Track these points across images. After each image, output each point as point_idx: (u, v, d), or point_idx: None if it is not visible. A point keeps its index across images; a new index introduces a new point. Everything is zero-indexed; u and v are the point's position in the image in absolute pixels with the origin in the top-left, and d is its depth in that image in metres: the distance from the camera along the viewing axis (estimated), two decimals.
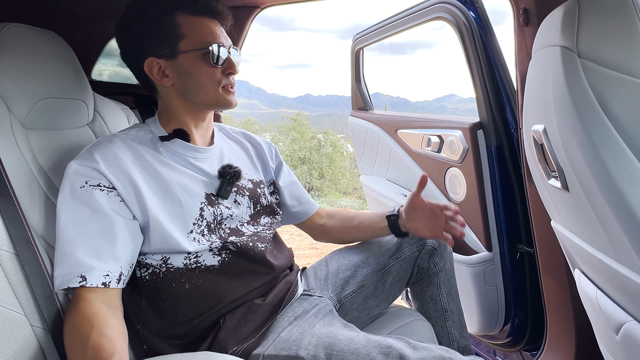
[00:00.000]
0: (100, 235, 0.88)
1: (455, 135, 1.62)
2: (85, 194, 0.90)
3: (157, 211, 0.95)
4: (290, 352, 0.92)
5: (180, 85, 1.02)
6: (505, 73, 1.52)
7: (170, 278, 0.97)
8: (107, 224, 0.90)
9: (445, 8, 1.58)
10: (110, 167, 0.93)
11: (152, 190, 0.96)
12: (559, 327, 1.44)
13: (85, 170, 0.92)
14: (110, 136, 1.01)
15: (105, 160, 0.94)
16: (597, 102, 0.78)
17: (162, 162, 1.01)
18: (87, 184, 0.91)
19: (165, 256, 0.97)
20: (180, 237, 0.96)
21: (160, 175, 0.99)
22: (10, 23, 0.99)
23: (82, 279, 0.84)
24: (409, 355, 0.84)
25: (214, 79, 1.01)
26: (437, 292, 1.27)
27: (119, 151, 0.97)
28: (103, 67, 1.86)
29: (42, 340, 0.81)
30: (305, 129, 22.47)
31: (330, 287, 1.21)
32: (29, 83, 1.01)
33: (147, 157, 0.99)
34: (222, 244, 1.01)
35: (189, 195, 1.00)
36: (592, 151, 0.77)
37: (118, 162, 0.95)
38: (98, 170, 0.92)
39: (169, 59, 1.00)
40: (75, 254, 0.85)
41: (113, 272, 0.87)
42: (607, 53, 0.80)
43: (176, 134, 1.04)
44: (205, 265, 1.00)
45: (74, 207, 0.89)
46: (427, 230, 1.21)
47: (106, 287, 0.86)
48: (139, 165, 0.97)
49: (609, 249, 0.84)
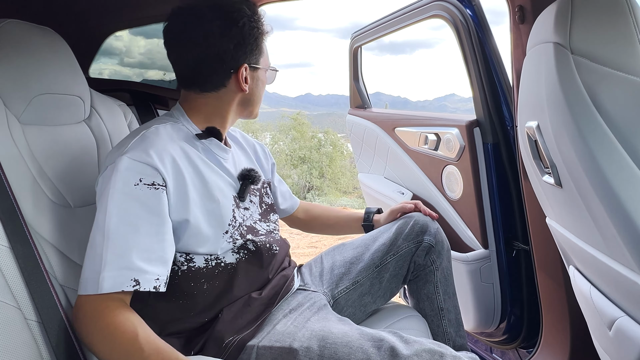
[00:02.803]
0: (151, 236, 0.86)
1: (452, 133, 1.62)
2: (140, 192, 0.87)
3: (198, 211, 0.95)
4: (284, 343, 0.93)
5: (250, 94, 1.09)
6: (501, 71, 1.52)
7: (190, 277, 0.97)
8: (158, 224, 0.88)
9: (442, 6, 1.58)
10: (164, 163, 0.92)
11: (195, 189, 0.96)
12: (554, 324, 1.44)
13: (139, 166, 0.89)
14: (154, 128, 0.98)
15: (159, 155, 0.92)
16: (589, 98, 0.78)
17: (202, 160, 1.01)
18: (141, 182, 0.88)
19: (189, 255, 0.97)
20: (216, 237, 0.98)
21: (202, 173, 0.99)
22: (7, 19, 1.00)
23: (136, 282, 0.82)
24: (400, 349, 0.85)
25: (262, 95, 1.14)
26: (434, 291, 1.27)
27: (168, 146, 0.95)
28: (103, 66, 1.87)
29: (35, 333, 0.81)
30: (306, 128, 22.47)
31: (325, 284, 1.22)
32: (25, 79, 1.01)
33: (190, 154, 0.99)
34: (243, 242, 1.03)
35: (224, 197, 1.02)
36: (583, 147, 0.78)
37: (169, 157, 0.93)
38: (153, 167, 0.90)
39: (253, 70, 1.08)
40: (128, 255, 0.82)
41: (162, 276, 0.86)
42: (599, 49, 0.80)
43: (210, 133, 1.05)
44: (225, 263, 1.01)
45: (126, 204, 0.86)
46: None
47: (157, 290, 0.85)
48: (185, 162, 0.97)
49: (602, 245, 0.85)
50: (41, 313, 0.82)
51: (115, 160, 0.90)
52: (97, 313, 0.80)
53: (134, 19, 1.67)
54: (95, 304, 0.81)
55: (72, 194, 1.05)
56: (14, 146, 0.95)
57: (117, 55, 1.87)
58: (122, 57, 1.90)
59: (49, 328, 0.82)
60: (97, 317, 0.80)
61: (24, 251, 0.83)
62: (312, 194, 17.43)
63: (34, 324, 0.81)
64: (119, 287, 0.81)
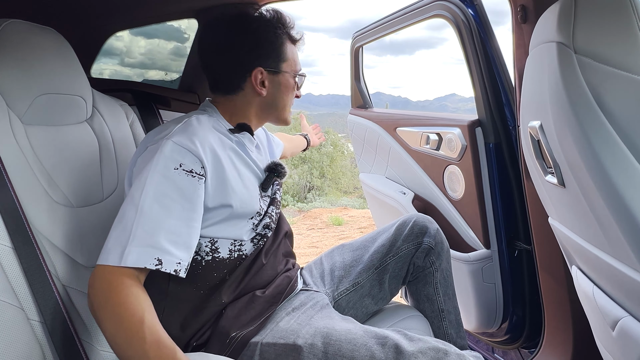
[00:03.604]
0: (181, 220, 0.88)
1: (454, 133, 1.62)
2: (178, 176, 0.90)
3: (236, 197, 0.98)
4: (288, 340, 0.94)
5: (270, 97, 1.11)
6: (503, 71, 1.52)
7: (214, 267, 1.00)
8: (189, 210, 0.90)
9: (444, 6, 1.58)
10: (206, 152, 0.95)
11: (233, 177, 1.00)
12: (557, 324, 1.44)
13: (182, 151, 0.92)
14: (194, 118, 1.02)
15: (201, 144, 0.95)
16: (592, 97, 0.78)
17: (236, 152, 1.05)
18: (180, 167, 0.91)
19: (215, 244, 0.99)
20: (244, 223, 1.02)
21: (236, 164, 1.03)
22: (9, 19, 1.00)
23: (159, 262, 0.83)
24: (404, 346, 0.85)
25: (292, 100, 1.15)
26: (434, 292, 1.27)
27: (209, 135, 0.99)
28: (104, 66, 1.87)
29: (39, 333, 0.81)
30: None
31: (325, 285, 1.23)
32: (27, 79, 1.01)
33: (227, 145, 1.03)
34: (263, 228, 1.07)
35: (254, 187, 1.06)
36: (587, 147, 0.77)
37: (210, 146, 0.97)
38: (194, 154, 0.92)
39: (271, 73, 1.09)
40: (157, 234, 0.84)
41: (184, 261, 0.88)
42: (603, 49, 0.80)
43: (242, 128, 1.10)
44: (245, 255, 1.04)
45: (164, 186, 0.88)
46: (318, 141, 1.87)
47: (177, 274, 0.86)
48: (223, 152, 1.01)
49: (605, 245, 0.85)
50: (44, 313, 0.82)
51: (158, 142, 0.93)
52: (111, 287, 0.80)
53: (136, 19, 1.67)
54: (111, 277, 0.80)
55: (74, 193, 1.05)
56: (17, 146, 0.95)
57: (118, 55, 1.87)
58: (123, 57, 1.90)
59: (51, 328, 0.82)
60: (110, 292, 0.79)
61: (26, 251, 0.83)
62: (313, 193, 17.42)
63: (37, 324, 0.81)
64: (142, 263, 0.81)
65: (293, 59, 1.12)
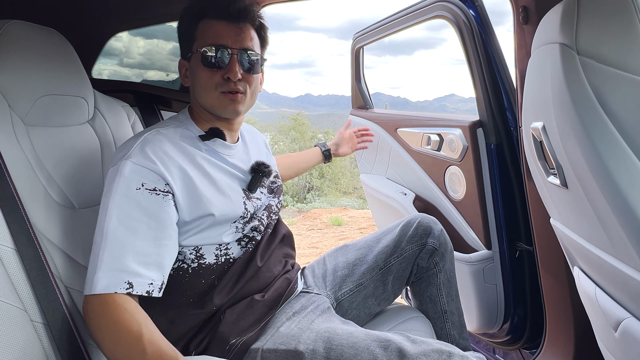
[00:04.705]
0: (148, 240, 0.87)
1: (455, 134, 1.62)
2: (141, 196, 0.88)
3: (212, 207, 0.96)
4: (289, 346, 0.93)
5: (192, 86, 1.05)
6: (505, 71, 1.52)
7: (201, 274, 0.98)
8: (156, 229, 0.88)
9: (445, 6, 1.58)
10: (167, 167, 0.92)
11: (205, 187, 0.97)
12: (558, 325, 1.44)
13: (142, 170, 0.90)
14: (156, 133, 0.99)
15: (162, 161, 0.92)
16: (595, 99, 0.78)
17: (207, 160, 1.02)
18: (143, 187, 0.89)
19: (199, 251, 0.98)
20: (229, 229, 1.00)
21: (209, 173, 1.00)
22: (11, 20, 1.00)
23: (129, 285, 0.82)
24: (407, 349, 0.85)
25: (210, 82, 1.00)
26: (437, 293, 1.27)
27: (170, 149, 0.96)
28: (103, 66, 1.87)
29: (41, 334, 0.81)
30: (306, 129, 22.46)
31: (328, 286, 1.22)
32: (29, 80, 1.01)
33: (194, 155, 1.00)
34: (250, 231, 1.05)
35: (233, 191, 1.03)
36: (590, 148, 0.77)
37: (172, 161, 0.94)
38: (155, 172, 0.90)
39: (188, 60, 1.04)
40: (124, 258, 0.83)
41: (156, 282, 0.86)
42: (605, 50, 0.80)
43: (214, 133, 1.05)
44: (233, 259, 1.02)
45: (127, 207, 0.86)
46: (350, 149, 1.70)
47: (149, 295, 0.85)
48: (189, 164, 0.97)
49: (608, 246, 0.85)
50: (46, 314, 0.82)
51: (118, 163, 0.90)
52: (103, 309, 0.80)
53: (137, 20, 1.67)
54: (101, 300, 0.80)
55: (76, 195, 1.04)
56: (19, 147, 0.95)
57: (117, 55, 1.87)
58: (122, 58, 1.90)
59: (54, 329, 0.82)
60: (103, 314, 0.79)
61: (29, 253, 0.83)
62: (312, 194, 17.41)
63: (40, 325, 0.81)
64: (112, 289, 0.80)
65: (204, 35, 1.00)
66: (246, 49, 1.02)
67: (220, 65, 0.99)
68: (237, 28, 1.02)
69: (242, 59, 1.01)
